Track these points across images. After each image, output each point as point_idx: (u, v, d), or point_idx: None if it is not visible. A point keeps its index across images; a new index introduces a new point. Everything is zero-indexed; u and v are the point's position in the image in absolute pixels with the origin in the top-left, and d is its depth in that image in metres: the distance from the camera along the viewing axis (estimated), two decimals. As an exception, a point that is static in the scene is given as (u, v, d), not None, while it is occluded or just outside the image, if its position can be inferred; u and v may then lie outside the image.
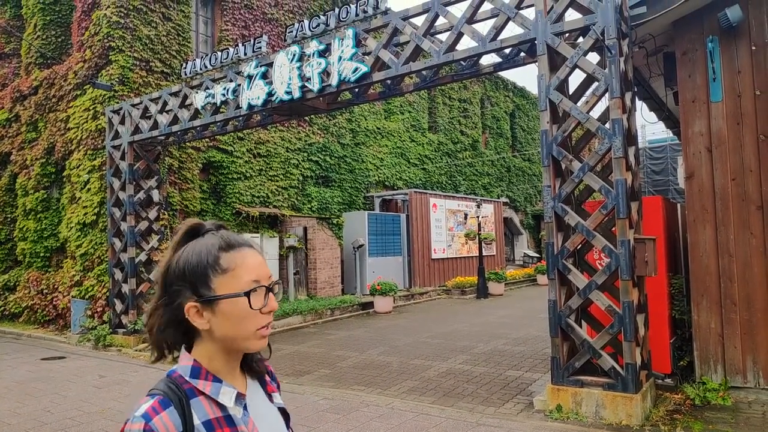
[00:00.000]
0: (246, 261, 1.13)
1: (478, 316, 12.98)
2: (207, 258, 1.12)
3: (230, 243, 1.14)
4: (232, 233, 1.18)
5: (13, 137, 14.37)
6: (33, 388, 7.40)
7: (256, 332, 1.12)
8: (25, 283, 13.38)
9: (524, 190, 26.72)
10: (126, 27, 11.60)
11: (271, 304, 1.14)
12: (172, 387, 1.09)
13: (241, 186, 13.71)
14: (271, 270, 1.19)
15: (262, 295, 1.12)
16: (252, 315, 1.11)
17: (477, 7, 6.47)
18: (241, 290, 1.10)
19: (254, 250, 1.17)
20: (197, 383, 1.11)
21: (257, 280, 1.13)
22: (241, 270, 1.12)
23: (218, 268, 1.11)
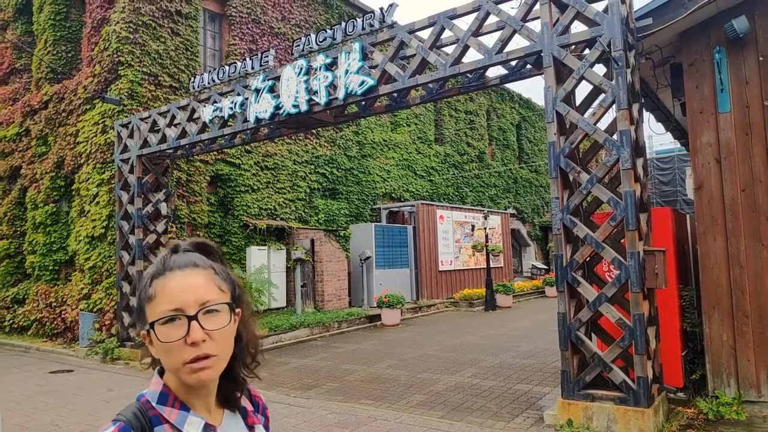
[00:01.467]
0: (166, 288, 1.04)
1: (487, 328, 12.89)
2: (144, 284, 1.07)
3: (164, 267, 1.07)
4: (179, 255, 1.09)
5: (23, 151, 14.52)
6: (41, 402, 7.40)
7: (184, 366, 1.01)
8: (34, 296, 13.43)
9: (531, 201, 26.65)
10: (135, 42, 11.74)
11: (191, 335, 1.00)
12: (137, 414, 1.04)
13: (248, 198, 13.75)
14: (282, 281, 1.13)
15: (179, 326, 1.01)
16: (172, 347, 1.01)
17: (483, 20, 6.49)
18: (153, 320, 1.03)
19: (186, 273, 1.06)
20: (163, 410, 1.05)
21: (178, 308, 1.02)
22: (160, 298, 1.04)
23: (147, 296, 1.06)
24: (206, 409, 1.10)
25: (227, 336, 1.07)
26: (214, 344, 1.03)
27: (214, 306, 1.04)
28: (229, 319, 1.06)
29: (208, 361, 1.02)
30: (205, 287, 1.06)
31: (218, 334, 1.04)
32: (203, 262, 1.09)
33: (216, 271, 1.10)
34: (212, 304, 1.04)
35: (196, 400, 1.08)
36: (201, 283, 1.06)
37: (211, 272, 1.09)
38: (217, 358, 1.04)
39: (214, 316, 1.04)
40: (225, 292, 1.09)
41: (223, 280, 1.10)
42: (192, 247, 1.13)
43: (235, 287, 1.13)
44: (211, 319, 1.04)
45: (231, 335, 1.08)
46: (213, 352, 1.02)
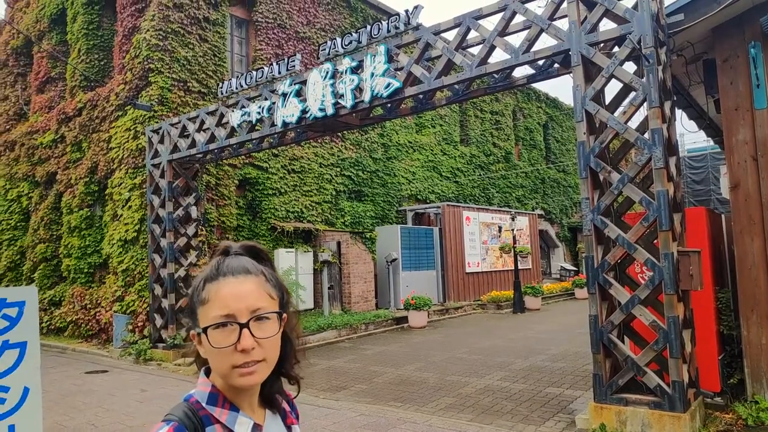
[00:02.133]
0: (219, 293, 1.06)
1: (515, 331, 12.76)
2: (196, 287, 1.09)
3: (217, 271, 1.08)
4: (232, 259, 1.11)
5: (58, 157, 14.94)
6: (78, 401, 7.60)
7: (233, 370, 1.04)
8: (70, 298, 13.80)
9: (560, 201, 26.30)
10: (165, 49, 11.98)
11: (242, 343, 1.03)
12: (188, 413, 1.06)
13: (276, 201, 13.90)
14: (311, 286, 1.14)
15: (230, 332, 1.04)
16: (223, 352, 1.04)
17: (509, 20, 6.44)
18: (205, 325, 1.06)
19: (239, 279, 1.07)
20: (213, 410, 1.07)
21: (230, 314, 1.04)
22: (213, 303, 1.06)
23: (199, 299, 1.08)
24: (251, 408, 1.13)
25: (275, 343, 1.10)
26: (262, 351, 1.05)
27: (265, 314, 1.07)
28: (279, 327, 1.10)
29: (256, 366, 1.05)
30: (257, 294, 1.08)
31: (267, 341, 1.06)
32: (255, 268, 1.11)
33: (267, 278, 1.12)
34: (263, 312, 1.06)
35: (242, 400, 1.11)
36: (252, 291, 1.07)
37: (262, 279, 1.11)
38: (265, 363, 1.07)
39: (264, 324, 1.06)
40: (275, 298, 1.11)
41: (273, 286, 1.12)
42: (243, 251, 1.14)
43: (283, 293, 1.15)
44: (261, 326, 1.06)
45: (278, 342, 1.11)
46: (261, 358, 1.05)
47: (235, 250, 1.14)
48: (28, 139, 16.13)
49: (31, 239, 15.66)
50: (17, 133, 16.80)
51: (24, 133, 16.40)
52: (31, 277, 15.41)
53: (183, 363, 9.93)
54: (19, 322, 2.44)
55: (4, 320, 2.43)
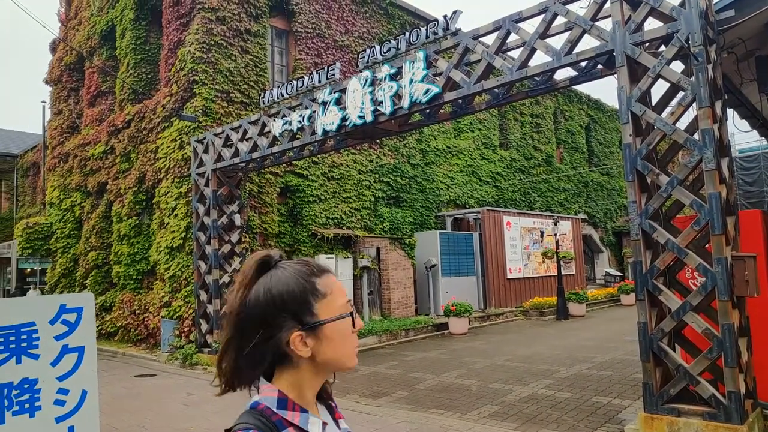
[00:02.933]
0: (336, 284, 1.18)
1: (559, 338, 12.49)
2: (305, 285, 1.12)
3: (319, 268, 1.17)
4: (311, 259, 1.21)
5: (109, 168, 15.53)
6: (128, 404, 7.85)
7: (353, 350, 1.17)
8: (120, 303, 14.30)
9: (603, 205, 25.66)
10: (208, 61, 12.33)
11: (357, 323, 1.18)
12: (261, 420, 1.08)
13: (316, 208, 14.06)
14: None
15: (348, 317, 1.17)
16: (350, 337, 1.16)
17: (550, 22, 6.35)
18: (342, 312, 1.15)
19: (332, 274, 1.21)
20: (286, 414, 1.09)
21: (348, 301, 1.18)
22: (337, 293, 1.16)
23: (318, 294, 1.13)
24: (311, 405, 1.17)
25: None
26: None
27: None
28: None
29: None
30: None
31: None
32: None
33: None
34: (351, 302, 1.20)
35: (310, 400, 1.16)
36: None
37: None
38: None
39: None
40: None
41: None
42: (280, 257, 1.20)
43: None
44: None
45: None
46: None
47: (277, 259, 1.19)
48: (81, 151, 16.85)
49: (83, 247, 16.32)
50: (70, 146, 17.58)
51: (77, 145, 17.14)
52: (84, 284, 16.05)
53: (227, 367, 10.12)
54: (77, 327, 2.54)
55: (63, 325, 2.53)
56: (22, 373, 2.41)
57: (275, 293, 1.10)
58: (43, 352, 2.47)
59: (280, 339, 1.09)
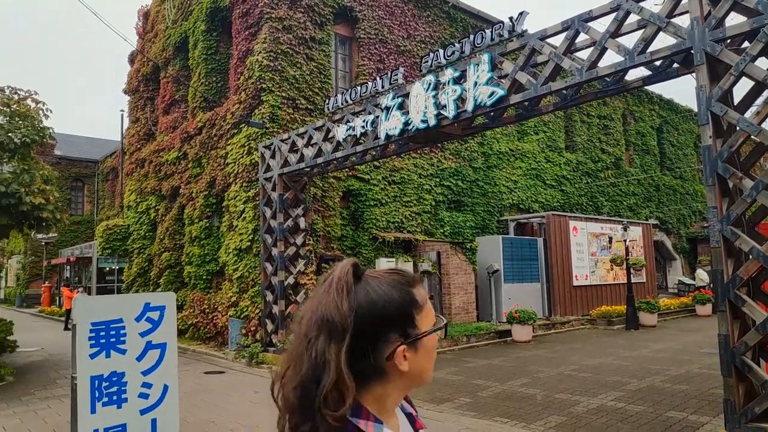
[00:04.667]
0: (426, 297, 1.13)
1: (629, 349, 11.97)
2: (406, 296, 1.08)
3: (413, 278, 1.13)
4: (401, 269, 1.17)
5: (181, 173, 16.29)
6: (199, 400, 8.17)
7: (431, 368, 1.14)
8: (191, 302, 14.93)
9: (677, 210, 24.42)
10: (275, 69, 12.70)
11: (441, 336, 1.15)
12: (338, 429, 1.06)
13: (377, 212, 14.17)
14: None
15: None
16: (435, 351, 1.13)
17: (622, 20, 6.14)
18: (437, 324, 1.11)
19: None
20: (359, 422, 1.05)
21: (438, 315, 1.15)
22: (429, 305, 1.12)
23: (417, 305, 1.09)
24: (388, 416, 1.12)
25: None
26: None
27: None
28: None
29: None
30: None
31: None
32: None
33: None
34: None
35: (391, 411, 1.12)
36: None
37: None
38: None
39: None
40: None
41: None
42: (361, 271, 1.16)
43: None
44: None
45: None
46: None
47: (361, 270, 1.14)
48: (156, 157, 17.76)
49: (157, 248, 17.19)
50: (146, 152, 18.58)
51: (152, 151, 18.09)
52: (157, 283, 16.89)
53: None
54: (160, 325, 2.69)
55: (147, 323, 2.69)
56: (111, 367, 2.58)
57: (379, 304, 1.04)
58: (130, 348, 2.62)
59: (383, 352, 1.04)
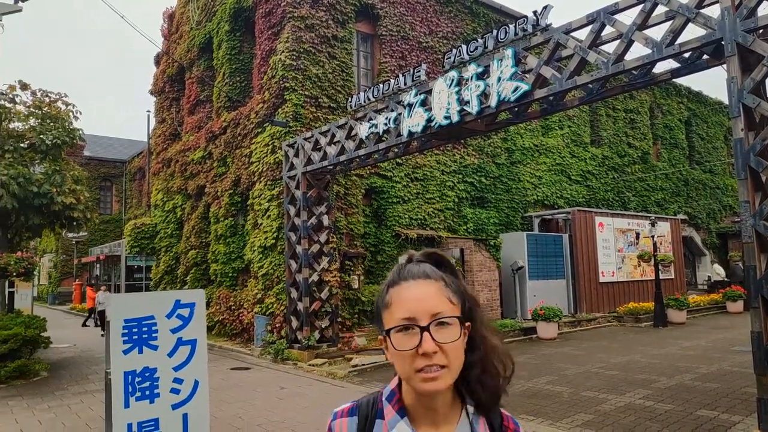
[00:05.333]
0: (401, 296, 1.08)
1: (657, 346, 11.77)
2: (381, 292, 1.13)
3: (399, 276, 1.12)
4: (413, 265, 1.13)
5: (207, 172, 16.52)
6: (226, 395, 8.30)
7: (416, 374, 1.05)
8: (217, 299, 15.15)
9: (706, 205, 23.89)
10: (298, 68, 12.79)
11: (423, 346, 1.03)
12: (370, 401, 1.14)
13: (399, 209, 14.17)
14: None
15: (412, 335, 1.05)
16: (405, 355, 1.05)
17: (649, 12, 6.02)
18: (394, 325, 1.07)
19: (418, 283, 1.09)
20: (386, 407, 1.11)
21: (410, 317, 1.06)
22: (395, 306, 1.08)
23: (383, 303, 1.11)
24: (431, 422, 1.10)
25: (458, 349, 1.07)
26: (444, 356, 1.04)
27: (446, 318, 1.06)
28: (460, 333, 1.08)
29: (438, 372, 1.04)
30: (436, 298, 1.08)
31: (449, 347, 1.05)
32: (435, 274, 1.12)
33: (446, 283, 1.11)
34: (444, 317, 1.06)
35: (421, 409, 1.10)
36: (432, 294, 1.08)
37: (442, 284, 1.10)
38: (447, 370, 1.05)
39: (445, 329, 1.06)
40: (455, 304, 1.10)
41: (454, 292, 1.11)
42: (425, 258, 1.16)
43: (465, 300, 1.13)
44: (442, 331, 1.05)
45: (461, 349, 1.09)
46: (443, 364, 1.04)
47: (417, 258, 1.15)
48: (182, 156, 18.05)
49: (184, 246, 17.47)
50: (173, 151, 18.89)
51: (178, 151, 18.38)
52: (184, 280, 17.17)
53: (316, 364, 10.46)
54: (190, 321, 2.74)
55: (178, 319, 2.74)
56: (144, 363, 2.64)
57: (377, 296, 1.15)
58: (161, 344, 2.68)
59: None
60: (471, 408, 1.13)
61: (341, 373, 9.70)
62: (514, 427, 1.20)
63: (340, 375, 9.59)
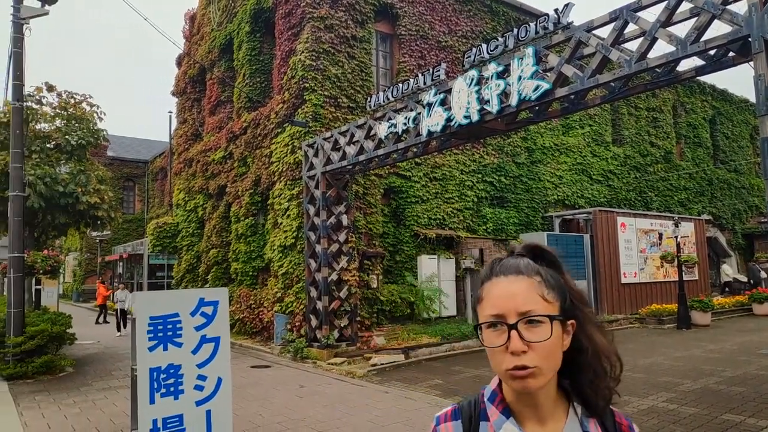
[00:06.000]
0: (491, 292, 1.07)
1: (681, 349, 11.58)
2: (477, 286, 1.12)
3: (491, 271, 1.09)
4: (508, 259, 1.10)
5: (227, 172, 16.69)
6: (247, 393, 8.38)
7: (506, 372, 1.02)
8: (237, 298, 15.30)
9: (731, 205, 23.42)
10: (317, 69, 12.85)
11: (511, 345, 1.00)
12: (472, 403, 1.12)
13: (418, 209, 14.16)
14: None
15: (500, 332, 1.02)
16: (495, 352, 1.03)
17: (674, 9, 5.93)
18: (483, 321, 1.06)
19: (509, 280, 1.05)
20: (489, 408, 1.09)
21: (498, 314, 1.03)
22: (486, 302, 1.07)
23: (477, 297, 1.10)
24: (536, 419, 1.08)
25: (550, 349, 1.02)
26: (534, 356, 1.00)
27: (536, 317, 1.02)
28: (551, 332, 1.02)
29: (526, 371, 1.00)
30: (526, 296, 1.04)
31: (540, 346, 1.01)
32: (528, 269, 1.07)
33: (543, 279, 1.06)
34: (533, 315, 1.02)
35: (524, 407, 1.08)
36: (521, 292, 1.04)
37: (537, 280, 1.06)
38: (538, 370, 1.01)
39: (536, 327, 1.02)
40: (551, 302, 1.05)
41: (550, 288, 1.06)
42: (524, 251, 1.13)
43: (565, 296, 1.08)
44: (532, 329, 1.01)
45: (555, 348, 1.04)
46: (532, 364, 1.00)
47: (517, 251, 1.13)
48: (203, 157, 18.26)
49: (205, 245, 17.68)
50: (194, 152, 19.12)
51: (199, 151, 18.60)
52: (205, 279, 17.38)
53: (335, 363, 10.50)
54: (214, 319, 2.78)
55: (202, 317, 2.78)
56: (168, 359, 2.68)
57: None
58: (186, 341, 2.72)
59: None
60: (579, 407, 1.10)
61: (360, 372, 9.73)
62: (627, 423, 1.16)
63: (359, 374, 9.61)
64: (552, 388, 1.07)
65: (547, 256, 1.11)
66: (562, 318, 1.05)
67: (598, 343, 1.09)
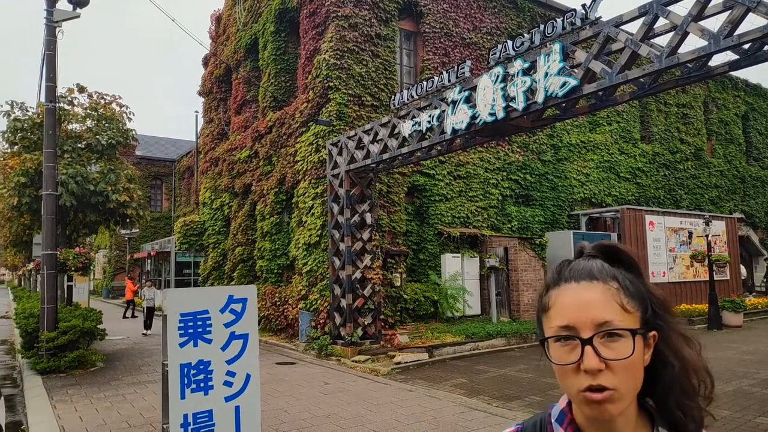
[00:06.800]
0: (560, 301, 0.92)
1: (712, 350, 11.31)
2: (541, 292, 0.98)
3: (559, 276, 0.95)
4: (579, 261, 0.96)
5: (253, 171, 16.87)
6: (272, 389, 8.47)
7: (578, 393, 0.88)
8: (263, 295, 15.46)
9: (765, 203, 22.78)
10: (341, 67, 12.89)
11: (585, 363, 0.86)
12: (538, 423, 1.01)
13: (442, 207, 14.11)
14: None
15: (572, 348, 0.88)
16: (565, 370, 0.89)
17: (706, 2, 5.79)
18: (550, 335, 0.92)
19: (581, 286, 0.91)
20: (557, 430, 0.97)
21: (569, 326, 0.89)
22: (554, 311, 0.93)
23: (542, 305, 0.96)
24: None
25: (631, 367, 0.88)
26: (612, 376, 0.86)
27: (616, 330, 0.88)
28: (633, 348, 0.88)
29: (604, 394, 0.86)
30: (603, 305, 0.89)
31: (619, 364, 0.86)
32: (603, 273, 0.93)
33: (621, 285, 0.92)
34: (611, 328, 0.88)
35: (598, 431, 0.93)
36: (597, 300, 0.89)
37: (612, 286, 0.91)
38: (617, 393, 0.86)
39: (614, 342, 0.87)
40: (630, 311, 0.90)
41: (630, 296, 0.92)
42: (597, 251, 0.98)
43: (646, 305, 0.93)
44: (610, 345, 0.87)
45: (637, 366, 0.89)
46: (611, 385, 0.86)
47: (588, 252, 0.99)
48: (229, 156, 18.49)
49: (231, 243, 17.91)
50: (220, 151, 19.37)
51: (225, 150, 18.84)
52: (231, 276, 17.60)
53: (359, 360, 10.54)
54: (242, 316, 2.82)
55: (231, 314, 2.82)
56: (199, 355, 2.72)
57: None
58: (215, 337, 2.76)
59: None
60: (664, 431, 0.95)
61: (384, 370, 9.75)
62: None
63: (383, 372, 9.63)
64: (632, 410, 0.92)
65: (624, 258, 0.97)
66: (645, 331, 0.91)
67: (687, 358, 0.94)
